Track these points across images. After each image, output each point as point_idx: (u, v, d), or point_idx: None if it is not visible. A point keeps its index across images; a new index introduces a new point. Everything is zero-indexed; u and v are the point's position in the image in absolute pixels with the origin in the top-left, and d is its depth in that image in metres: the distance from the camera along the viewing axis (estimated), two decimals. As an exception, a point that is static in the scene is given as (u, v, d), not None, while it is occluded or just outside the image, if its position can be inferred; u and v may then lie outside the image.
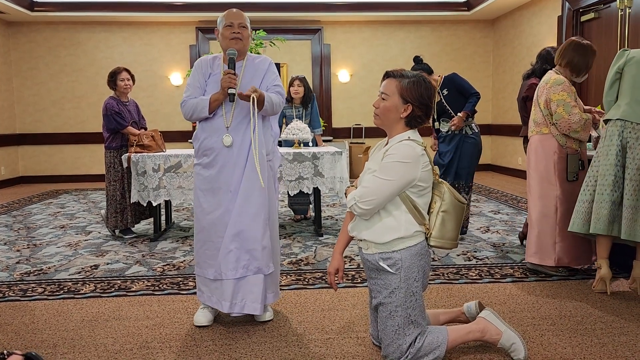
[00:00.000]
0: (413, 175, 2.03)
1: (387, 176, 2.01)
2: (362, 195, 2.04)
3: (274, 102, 2.57)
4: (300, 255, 3.96)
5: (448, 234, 2.14)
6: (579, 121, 3.17)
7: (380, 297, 2.14)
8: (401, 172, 2.01)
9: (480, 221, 5.10)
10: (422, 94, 2.08)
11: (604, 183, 2.95)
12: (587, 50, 3.27)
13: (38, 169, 8.97)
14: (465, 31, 9.34)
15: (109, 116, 4.53)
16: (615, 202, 2.91)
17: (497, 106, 9.29)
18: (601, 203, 2.94)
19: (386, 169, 2.02)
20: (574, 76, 3.33)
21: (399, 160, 2.01)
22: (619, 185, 2.92)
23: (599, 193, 2.96)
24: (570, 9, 6.77)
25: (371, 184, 2.04)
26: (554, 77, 3.28)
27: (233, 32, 2.55)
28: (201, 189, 2.61)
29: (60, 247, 4.34)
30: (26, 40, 8.75)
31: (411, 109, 2.08)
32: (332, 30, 9.14)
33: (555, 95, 3.21)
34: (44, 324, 2.69)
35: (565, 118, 3.18)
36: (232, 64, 2.53)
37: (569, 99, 3.20)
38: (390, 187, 2.01)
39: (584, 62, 3.27)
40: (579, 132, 3.21)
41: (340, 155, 4.56)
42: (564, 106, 3.18)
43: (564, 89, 3.21)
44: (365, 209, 2.04)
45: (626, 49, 3.10)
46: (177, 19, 8.65)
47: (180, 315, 2.80)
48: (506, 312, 2.76)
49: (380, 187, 2.02)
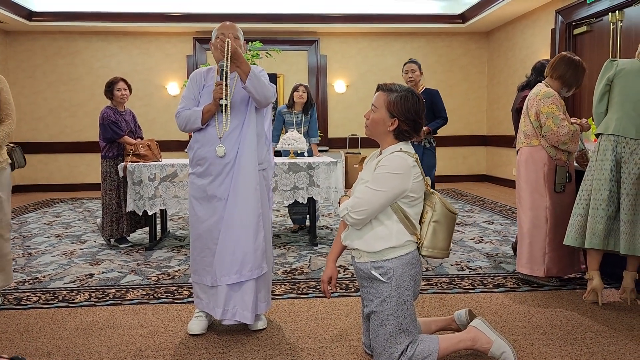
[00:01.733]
0: (404, 187, 2.07)
1: (379, 187, 2.05)
2: (354, 205, 2.08)
3: (263, 82, 2.52)
4: (295, 265, 3.98)
5: (440, 243, 2.17)
6: (567, 134, 3.22)
7: (372, 306, 2.16)
8: (393, 183, 2.05)
9: (474, 231, 5.14)
10: (409, 109, 2.11)
11: (598, 198, 2.98)
12: (578, 66, 3.33)
13: (34, 177, 8.97)
14: (460, 43, 9.44)
15: (106, 125, 4.56)
16: (611, 217, 2.95)
17: (492, 117, 9.37)
18: (596, 218, 2.97)
19: (378, 180, 2.06)
20: (564, 90, 3.38)
21: (391, 172, 2.05)
22: (614, 200, 2.96)
23: (593, 208, 3.00)
24: (563, 22, 6.86)
25: (363, 194, 2.08)
26: (544, 90, 3.33)
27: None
28: (196, 197, 2.65)
29: (56, 256, 4.35)
30: (23, 49, 8.79)
31: (397, 123, 2.12)
32: (328, 41, 9.22)
33: (545, 108, 3.27)
34: (39, 332, 2.70)
35: (554, 130, 3.23)
36: (223, 75, 2.57)
37: (558, 112, 3.25)
38: (382, 197, 2.05)
39: (575, 78, 3.34)
40: (567, 144, 3.26)
41: (335, 165, 4.60)
42: (553, 119, 3.23)
43: (554, 101, 3.27)
44: (357, 218, 2.08)
45: (614, 58, 3.13)
46: (174, 29, 8.72)
47: (174, 324, 2.81)
48: (497, 322, 2.78)
49: (372, 198, 2.05)
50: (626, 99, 2.99)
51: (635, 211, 2.89)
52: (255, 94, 2.52)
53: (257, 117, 2.65)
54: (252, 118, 2.62)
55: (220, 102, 2.54)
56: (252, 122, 2.62)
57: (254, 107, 2.63)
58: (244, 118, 2.61)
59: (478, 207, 6.70)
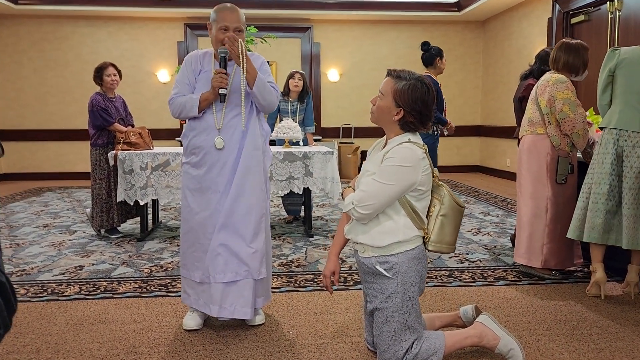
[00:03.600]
0: (413, 180, 1.97)
1: (387, 180, 1.95)
2: (360, 199, 1.97)
3: (268, 87, 2.46)
4: (291, 257, 3.89)
5: (446, 238, 2.09)
6: (582, 123, 3.15)
7: (376, 302, 2.08)
8: (401, 176, 1.95)
9: (471, 223, 5.08)
10: (416, 100, 1.98)
11: (598, 192, 2.93)
12: (578, 48, 3.24)
13: (21, 165, 8.78)
14: (456, 32, 9.34)
15: (95, 112, 4.41)
16: (611, 211, 2.89)
17: (487, 107, 9.31)
18: (595, 212, 2.92)
19: (386, 172, 1.96)
20: (573, 76, 3.29)
21: (399, 164, 1.95)
22: (614, 194, 2.89)
23: (593, 202, 2.94)
24: (561, 11, 6.79)
25: (370, 187, 1.98)
26: (556, 76, 3.24)
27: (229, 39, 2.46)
28: (189, 188, 2.53)
29: (44, 247, 4.22)
30: (9, 33, 8.55)
31: (403, 113, 2.01)
32: (322, 28, 9.08)
33: (560, 94, 3.17)
34: (27, 328, 2.60)
35: (570, 117, 3.14)
36: (223, 62, 2.45)
37: (574, 97, 3.16)
38: (390, 191, 1.95)
39: (579, 60, 3.24)
40: (580, 136, 3.18)
41: (331, 155, 4.50)
42: (570, 105, 3.14)
43: (568, 87, 3.18)
44: (363, 213, 1.97)
45: (616, 48, 3.04)
46: (165, 14, 8.52)
47: (168, 318, 2.72)
48: (501, 316, 2.72)
49: (379, 192, 1.95)
50: (629, 90, 2.92)
51: (638, 205, 2.82)
52: (261, 99, 2.46)
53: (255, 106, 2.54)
54: (253, 107, 2.52)
55: (221, 91, 2.42)
56: (253, 111, 2.51)
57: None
58: (245, 105, 2.49)
59: (473, 198, 6.65)
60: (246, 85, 2.44)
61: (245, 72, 2.41)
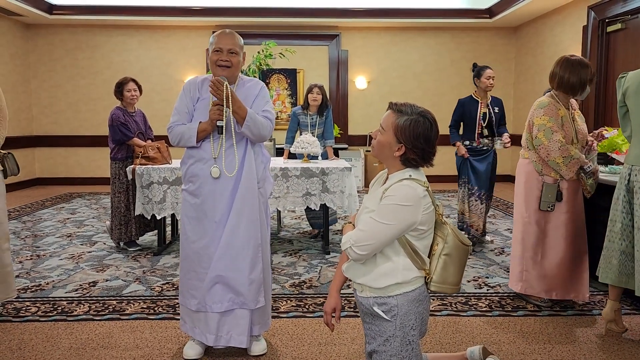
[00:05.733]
0: (413, 219, 1.86)
1: (385, 220, 1.85)
2: (357, 239, 1.87)
3: (260, 122, 2.42)
4: (304, 276, 3.83)
5: (450, 278, 1.97)
6: (559, 150, 2.96)
7: (374, 344, 1.99)
8: (400, 216, 1.84)
9: (496, 241, 4.90)
10: (418, 137, 1.87)
11: (613, 230, 2.77)
12: (574, 64, 3.00)
13: (54, 171, 9.01)
14: (486, 38, 9.09)
15: (115, 127, 4.46)
16: (625, 252, 2.72)
17: (518, 116, 9.03)
18: (611, 252, 2.77)
19: (384, 211, 1.86)
20: (570, 96, 3.11)
21: (398, 203, 1.84)
22: (627, 234, 2.71)
23: (609, 240, 2.80)
24: (596, 19, 6.50)
25: (368, 227, 1.87)
26: (540, 100, 3.11)
27: (221, 60, 2.42)
28: (187, 215, 2.50)
29: (63, 260, 4.28)
30: (44, 42, 8.79)
31: (404, 150, 1.91)
32: (349, 36, 8.98)
33: (537, 119, 3.03)
34: (31, 350, 2.61)
35: (544, 144, 2.99)
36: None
37: (550, 123, 2.98)
38: (388, 231, 1.85)
39: (575, 77, 2.99)
40: (559, 165, 2.99)
41: (349, 171, 4.42)
42: (545, 131, 2.99)
43: (546, 112, 3.01)
44: (360, 254, 1.88)
45: (624, 74, 2.82)
46: (193, 23, 8.60)
47: (171, 345, 2.69)
48: (515, 354, 2.58)
49: (377, 232, 1.85)
50: (637, 121, 2.72)
51: None
52: (251, 135, 2.43)
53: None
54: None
55: (218, 123, 2.39)
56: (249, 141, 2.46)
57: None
58: (240, 137, 2.45)
59: (501, 212, 6.44)
60: (235, 123, 2.40)
61: (233, 113, 2.36)
